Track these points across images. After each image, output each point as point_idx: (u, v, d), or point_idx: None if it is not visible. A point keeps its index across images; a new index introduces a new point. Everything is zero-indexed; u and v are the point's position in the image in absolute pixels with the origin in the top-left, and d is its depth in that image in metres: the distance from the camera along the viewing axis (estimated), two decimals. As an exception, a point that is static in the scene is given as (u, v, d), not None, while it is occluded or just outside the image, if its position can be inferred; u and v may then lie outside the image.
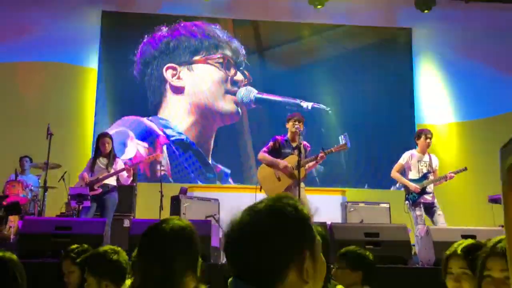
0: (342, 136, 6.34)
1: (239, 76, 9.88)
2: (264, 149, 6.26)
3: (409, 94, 10.01)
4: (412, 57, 10.11)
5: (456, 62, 9.89)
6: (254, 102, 9.82)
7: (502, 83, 9.84)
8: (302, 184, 6.11)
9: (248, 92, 9.82)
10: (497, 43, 9.94)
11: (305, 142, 6.24)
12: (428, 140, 6.73)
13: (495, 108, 9.76)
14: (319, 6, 9.68)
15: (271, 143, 6.26)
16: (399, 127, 9.86)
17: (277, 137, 6.32)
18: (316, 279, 1.18)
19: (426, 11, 9.75)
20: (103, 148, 6.60)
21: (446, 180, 6.67)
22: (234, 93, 9.82)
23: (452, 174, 6.64)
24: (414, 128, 9.35)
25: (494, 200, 7.43)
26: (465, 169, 6.68)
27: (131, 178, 6.75)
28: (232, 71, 9.87)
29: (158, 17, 9.87)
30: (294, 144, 6.17)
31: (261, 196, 5.87)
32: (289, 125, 6.23)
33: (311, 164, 6.08)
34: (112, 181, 6.57)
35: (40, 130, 7.26)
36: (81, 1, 9.54)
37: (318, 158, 5.99)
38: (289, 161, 6.06)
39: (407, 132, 9.61)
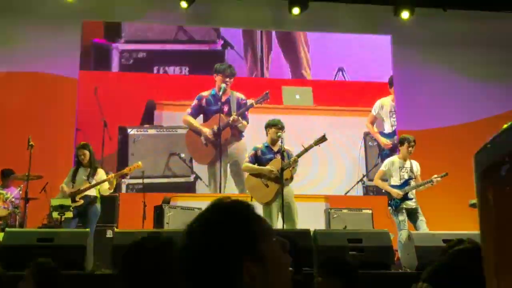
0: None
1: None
2: (247, 159, 6.47)
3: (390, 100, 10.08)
4: (392, 64, 10.21)
5: (435, 69, 9.99)
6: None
7: (480, 90, 9.96)
8: (289, 187, 6.25)
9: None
10: (476, 50, 10.07)
11: (287, 148, 6.32)
12: (410, 149, 6.82)
13: (474, 114, 9.87)
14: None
15: (252, 153, 6.48)
16: (379, 133, 9.94)
17: (257, 146, 6.55)
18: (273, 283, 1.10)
19: (404, 11, 9.72)
20: (80, 159, 6.71)
21: (432, 184, 6.74)
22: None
23: (439, 179, 6.71)
24: (395, 134, 9.45)
25: (474, 205, 7.52)
26: (446, 174, 6.75)
27: (112, 190, 6.75)
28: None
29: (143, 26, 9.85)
30: (275, 149, 6.32)
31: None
32: (270, 132, 6.36)
33: (290, 168, 6.17)
34: (93, 191, 6.57)
35: (20, 140, 7.18)
36: (62, 11, 9.46)
37: (292, 161, 6.12)
38: (273, 164, 6.21)
39: (388, 138, 9.71)
